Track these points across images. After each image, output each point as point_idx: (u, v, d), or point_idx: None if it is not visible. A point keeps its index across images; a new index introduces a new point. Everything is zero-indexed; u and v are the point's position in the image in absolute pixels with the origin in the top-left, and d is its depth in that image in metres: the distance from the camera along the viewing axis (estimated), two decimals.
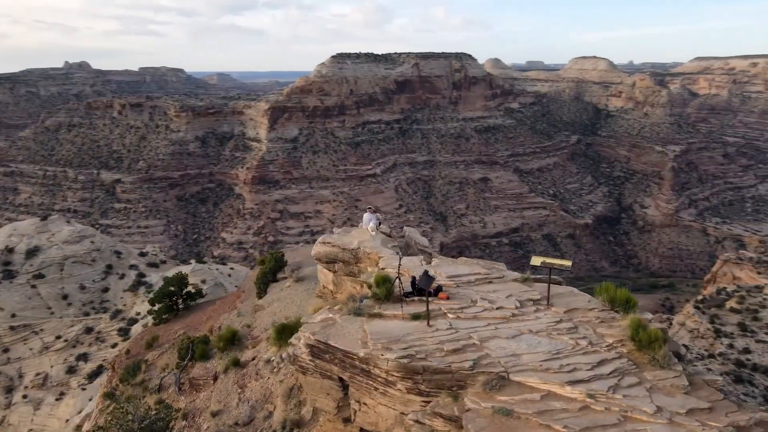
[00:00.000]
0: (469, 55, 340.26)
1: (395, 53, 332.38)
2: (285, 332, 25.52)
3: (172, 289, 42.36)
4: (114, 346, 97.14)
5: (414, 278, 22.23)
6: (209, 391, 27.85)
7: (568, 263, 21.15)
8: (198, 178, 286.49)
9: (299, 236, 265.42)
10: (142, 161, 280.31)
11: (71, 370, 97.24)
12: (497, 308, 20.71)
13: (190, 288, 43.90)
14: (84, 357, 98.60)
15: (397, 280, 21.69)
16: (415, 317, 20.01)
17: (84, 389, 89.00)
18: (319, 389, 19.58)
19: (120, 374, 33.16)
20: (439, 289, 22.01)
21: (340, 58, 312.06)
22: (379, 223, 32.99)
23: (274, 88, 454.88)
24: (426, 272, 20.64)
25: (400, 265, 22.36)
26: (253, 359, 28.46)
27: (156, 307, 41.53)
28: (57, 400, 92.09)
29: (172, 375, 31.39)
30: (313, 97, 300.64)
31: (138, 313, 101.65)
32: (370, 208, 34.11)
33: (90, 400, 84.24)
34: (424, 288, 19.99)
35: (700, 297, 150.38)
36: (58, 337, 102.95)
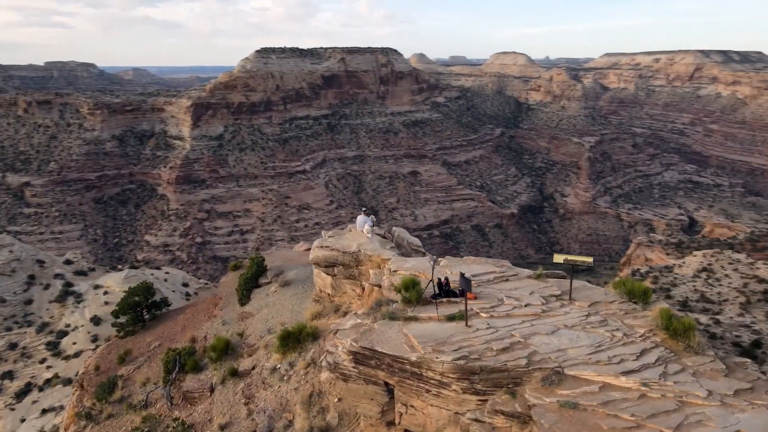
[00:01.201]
0: (395, 50, 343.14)
1: (321, 48, 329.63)
2: (290, 339, 25.05)
3: (137, 299, 40.15)
4: (42, 361, 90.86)
5: (440, 280, 22.33)
6: (207, 404, 26.72)
7: (589, 260, 22.05)
8: (117, 179, 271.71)
9: (228, 236, 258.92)
10: (54, 162, 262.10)
11: None
12: (525, 305, 21.21)
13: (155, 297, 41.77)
14: (9, 375, 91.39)
15: (430, 283, 21.82)
16: (451, 318, 20.16)
17: (13, 409, 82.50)
18: (362, 395, 19.51)
19: (94, 392, 31.07)
20: (464, 289, 21.85)
21: (264, 52, 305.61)
22: (374, 225, 32.86)
23: (195, 84, 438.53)
24: (462, 274, 20.89)
25: (434, 268, 22.43)
26: (253, 368, 27.69)
27: (121, 320, 39.16)
28: None
29: (159, 389, 29.85)
30: (238, 93, 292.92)
31: (68, 325, 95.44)
32: (365, 210, 33.83)
33: (23, 421, 78.46)
34: (466, 289, 20.09)
35: (617, 279, 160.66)
36: None
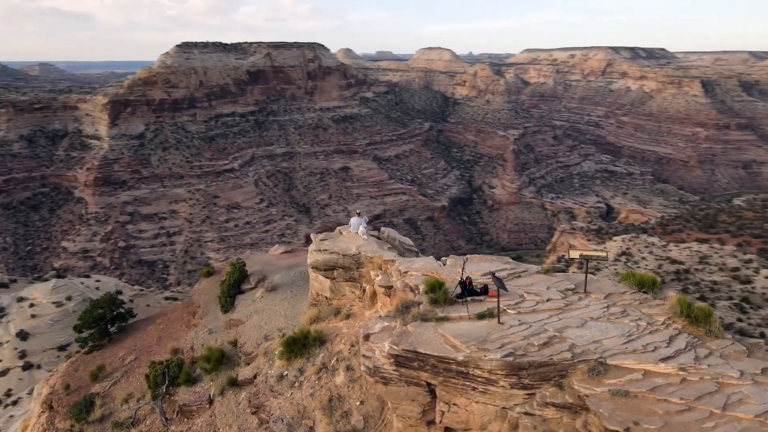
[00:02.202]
0: (322, 45, 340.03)
1: (246, 43, 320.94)
2: (296, 345, 23.96)
3: (102, 311, 36.82)
4: None
5: (462, 280, 22.32)
6: (207, 416, 25.05)
7: (604, 254, 23.03)
8: (27, 183, 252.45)
9: (154, 239, 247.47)
10: None
11: None
12: (547, 300, 21.54)
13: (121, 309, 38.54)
14: None
15: (459, 283, 21.95)
16: (481, 317, 20.34)
17: None
18: (403, 397, 19.41)
19: (69, 413, 28.16)
20: (486, 287, 22.38)
21: (186, 47, 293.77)
22: (373, 228, 32.51)
23: (110, 80, 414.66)
24: (493, 273, 21.26)
25: (464, 269, 22.54)
26: (255, 377, 26.42)
27: (86, 334, 35.73)
28: None
29: (148, 405, 27.52)
30: (159, 90, 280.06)
31: None
32: (358, 212, 33.42)
33: None
34: (501, 288, 20.21)
35: (544, 266, 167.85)
36: None
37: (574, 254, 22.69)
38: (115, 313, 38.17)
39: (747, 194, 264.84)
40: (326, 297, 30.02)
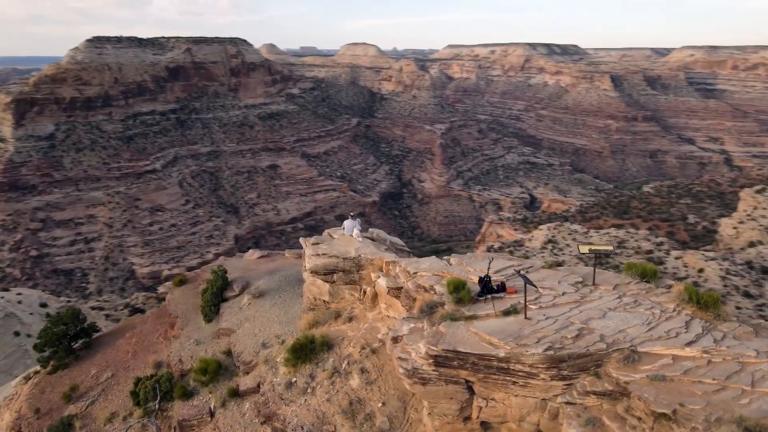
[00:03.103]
0: (245, 41, 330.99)
1: (163, 38, 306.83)
2: (303, 351, 22.81)
3: (64, 328, 33.30)
4: None
5: (481, 278, 22.48)
6: (210, 430, 23.34)
7: (610, 247, 25.15)
8: None
9: (71, 246, 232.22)
10: None
11: None
12: (563, 294, 22.02)
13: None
14: None
15: (485, 280, 22.25)
16: (506, 313, 20.67)
17: None
18: (441, 396, 19.57)
19: None
20: (503, 285, 22.63)
21: (98, 42, 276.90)
22: (365, 229, 31.68)
23: (12, 77, 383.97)
24: (518, 272, 21.78)
25: (489, 268, 22.82)
26: (258, 386, 24.90)
27: (48, 353, 32.19)
28: None
29: (138, 423, 25.22)
30: (69, 87, 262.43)
31: None
32: (351, 214, 32.69)
33: None
34: (532, 286, 20.65)
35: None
36: None
37: (584, 249, 23.38)
38: (78, 328, 35.01)
39: (654, 182, 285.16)
40: (324, 301, 29.53)
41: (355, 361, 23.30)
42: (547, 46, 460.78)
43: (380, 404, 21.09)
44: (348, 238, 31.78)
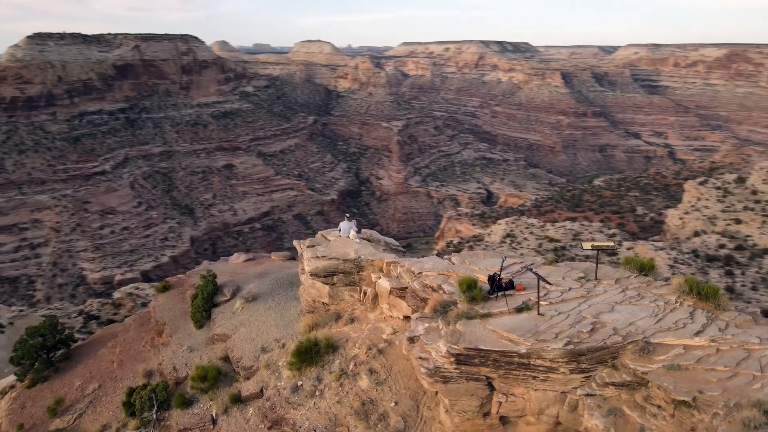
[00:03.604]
0: (196, 38, 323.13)
1: (110, 34, 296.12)
2: (308, 354, 22.40)
3: (42, 339, 31.24)
4: None
5: (491, 276, 22.77)
6: None
7: (612, 244, 27.47)
8: None
9: (15, 253, 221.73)
10: None
11: None
12: (569, 289, 22.41)
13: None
14: None
15: (499, 276, 22.68)
16: (519, 310, 21.10)
17: None
18: (463, 393, 19.90)
19: None
20: (512, 282, 22.94)
21: (39, 38, 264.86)
22: (359, 230, 32.13)
23: None
24: (531, 269, 22.56)
25: (502, 267, 23.24)
26: (262, 391, 24.47)
27: (26, 365, 30.12)
28: None
29: None
30: (9, 86, 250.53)
31: None
32: (347, 215, 32.33)
33: None
34: (546, 282, 21.28)
35: (434, 252, 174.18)
36: None
37: (586, 246, 23.88)
38: (57, 339, 33.15)
39: (604, 175, 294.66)
40: (324, 303, 29.32)
41: (362, 362, 23.18)
42: (500, 43, 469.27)
43: (393, 404, 21.12)
44: (345, 239, 31.58)
